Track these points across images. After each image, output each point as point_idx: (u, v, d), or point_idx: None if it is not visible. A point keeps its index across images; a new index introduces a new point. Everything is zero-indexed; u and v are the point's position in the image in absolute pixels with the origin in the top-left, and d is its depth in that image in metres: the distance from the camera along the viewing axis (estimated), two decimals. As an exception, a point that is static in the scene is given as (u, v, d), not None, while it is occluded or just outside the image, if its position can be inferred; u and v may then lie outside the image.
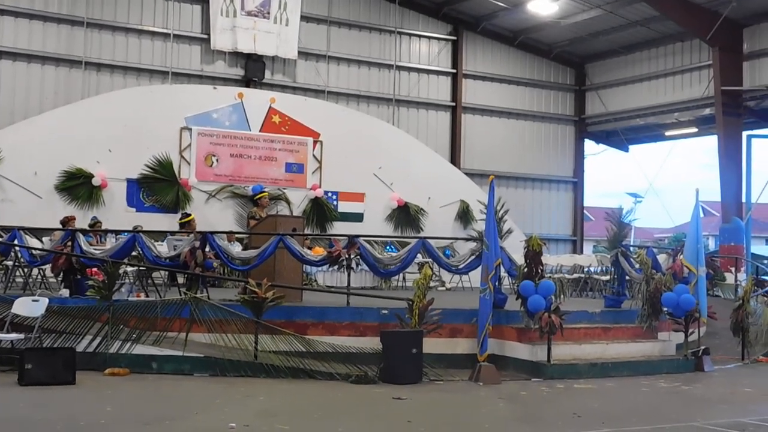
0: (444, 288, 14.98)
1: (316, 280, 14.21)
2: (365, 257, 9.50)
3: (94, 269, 9.46)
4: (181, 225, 11.92)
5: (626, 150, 23.85)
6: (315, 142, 17.69)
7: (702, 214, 12.34)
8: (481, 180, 19.81)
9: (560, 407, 6.77)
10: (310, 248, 14.89)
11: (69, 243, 9.46)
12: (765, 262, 20.51)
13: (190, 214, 12.67)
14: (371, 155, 17.97)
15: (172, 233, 11.22)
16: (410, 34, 20.79)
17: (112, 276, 8.38)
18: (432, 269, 9.55)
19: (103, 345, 8.09)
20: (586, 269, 14.35)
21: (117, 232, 11.51)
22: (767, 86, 18.26)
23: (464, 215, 18.59)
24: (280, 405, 6.61)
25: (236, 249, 10.65)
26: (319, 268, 13.53)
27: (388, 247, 16.48)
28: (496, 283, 8.89)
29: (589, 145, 23.78)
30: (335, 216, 17.66)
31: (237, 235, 13.56)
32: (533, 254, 8.72)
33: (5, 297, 8.44)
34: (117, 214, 15.48)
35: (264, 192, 11.10)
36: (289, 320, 8.45)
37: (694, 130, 21.50)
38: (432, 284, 9.02)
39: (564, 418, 6.25)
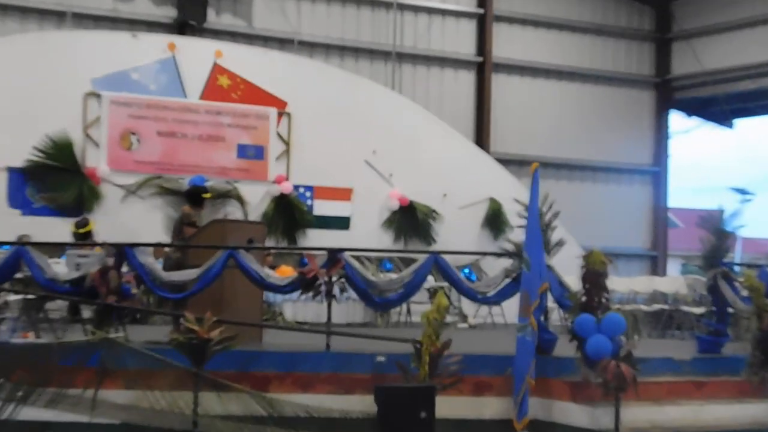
0: (466, 325, 15.02)
1: (282, 314, 14.29)
2: (353, 280, 9.53)
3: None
4: (82, 236, 11.98)
5: (730, 126, 23.97)
6: (280, 115, 17.72)
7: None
8: (520, 169, 19.91)
9: (633, 495, 6.77)
10: (273, 267, 14.85)
11: None
12: None
13: (88, 220, 12.74)
14: (361, 134, 18.05)
15: (75, 245, 11.27)
16: (418, -41, 20.92)
17: (-14, 308, 8.41)
18: (449, 298, 9.59)
19: (-27, 408, 8.11)
20: (670, 298, 14.37)
21: (-7, 245, 11.53)
22: None
23: (495, 220, 18.70)
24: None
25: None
26: (287, 296, 13.58)
27: (384, 263, 16.46)
28: (541, 318, 8.91)
29: (676, 118, 23.93)
30: (309, 221, 17.73)
31: (168, 249, 13.57)
32: (594, 276, 8.77)
33: None
34: (-7, 218, 15.53)
35: (207, 194, 11.10)
36: (243, 371, 8.51)
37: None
38: (449, 319, 9.10)
39: None
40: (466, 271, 15.88)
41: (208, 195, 11.05)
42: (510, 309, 10.66)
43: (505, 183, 18.88)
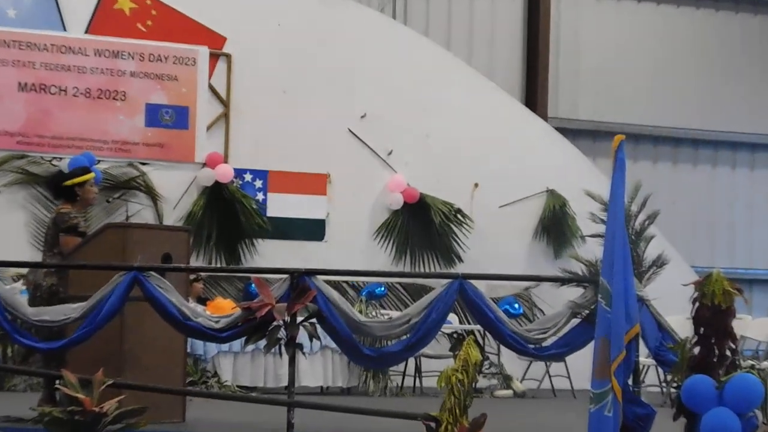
0: (510, 392, 14.77)
1: (217, 374, 14.33)
2: (330, 321, 9.49)
3: None
4: None
5: None
6: (215, 58, 17.86)
7: None
8: (594, 145, 20.21)
9: None
10: (204, 300, 14.86)
11: None
12: None
13: None
14: (344, 88, 18.19)
15: None
16: None
17: None
18: (482, 348, 9.51)
19: None
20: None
21: None
22: None
23: (555, 226, 18.75)
24: None
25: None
26: (226, 347, 13.74)
27: (371, 289, 16.42)
28: (629, 382, 8.89)
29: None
30: (261, 226, 17.85)
31: (37, 271, 13.62)
32: (714, 315, 8.75)
33: None
34: None
35: (87, 175, 10.97)
36: (156, 464, 8.64)
37: None
38: (482, 383, 9.12)
39: None
40: (518, 309, 15.78)
41: (86, 177, 10.97)
42: (579, 367, 10.74)
43: (571, 166, 18.98)
